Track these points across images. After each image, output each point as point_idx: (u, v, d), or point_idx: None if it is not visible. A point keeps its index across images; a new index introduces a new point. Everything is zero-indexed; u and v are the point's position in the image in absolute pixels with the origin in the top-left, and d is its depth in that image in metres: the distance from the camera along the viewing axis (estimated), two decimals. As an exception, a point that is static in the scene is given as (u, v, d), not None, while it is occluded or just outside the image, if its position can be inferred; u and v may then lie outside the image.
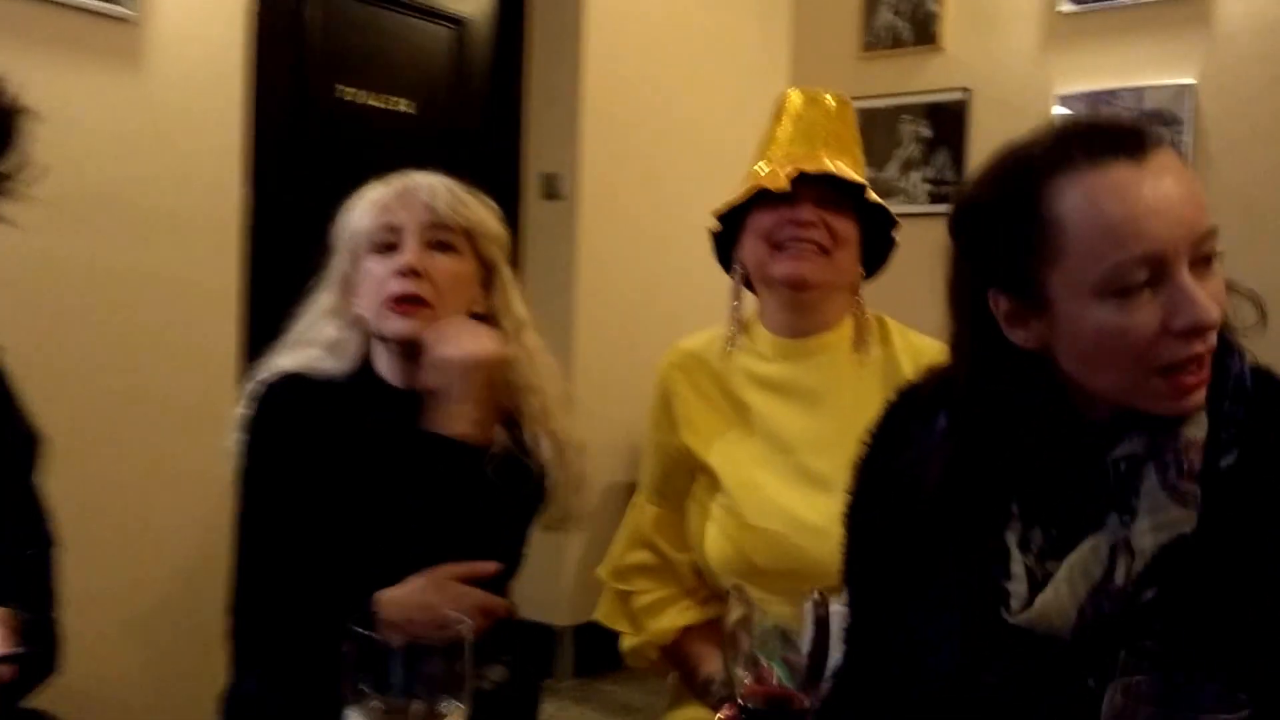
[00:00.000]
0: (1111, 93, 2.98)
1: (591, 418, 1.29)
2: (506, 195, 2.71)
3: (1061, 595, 0.82)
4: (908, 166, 3.41)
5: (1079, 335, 0.80)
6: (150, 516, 2.15)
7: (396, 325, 1.17)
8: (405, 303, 1.17)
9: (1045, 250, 0.79)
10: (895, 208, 1.43)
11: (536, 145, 3.00)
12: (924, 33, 3.42)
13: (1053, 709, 0.83)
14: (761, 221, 1.30)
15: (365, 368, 1.22)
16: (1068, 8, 3.13)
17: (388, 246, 1.19)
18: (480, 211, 1.25)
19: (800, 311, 1.33)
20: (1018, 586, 0.84)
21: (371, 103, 2.71)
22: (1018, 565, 0.84)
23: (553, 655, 2.90)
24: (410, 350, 1.19)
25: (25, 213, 1.03)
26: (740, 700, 0.76)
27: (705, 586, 1.35)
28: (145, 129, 2.12)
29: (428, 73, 2.85)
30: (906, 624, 0.91)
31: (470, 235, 1.22)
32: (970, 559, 0.87)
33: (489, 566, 1.13)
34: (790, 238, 1.28)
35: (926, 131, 3.43)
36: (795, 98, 1.35)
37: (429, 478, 1.14)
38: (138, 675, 2.11)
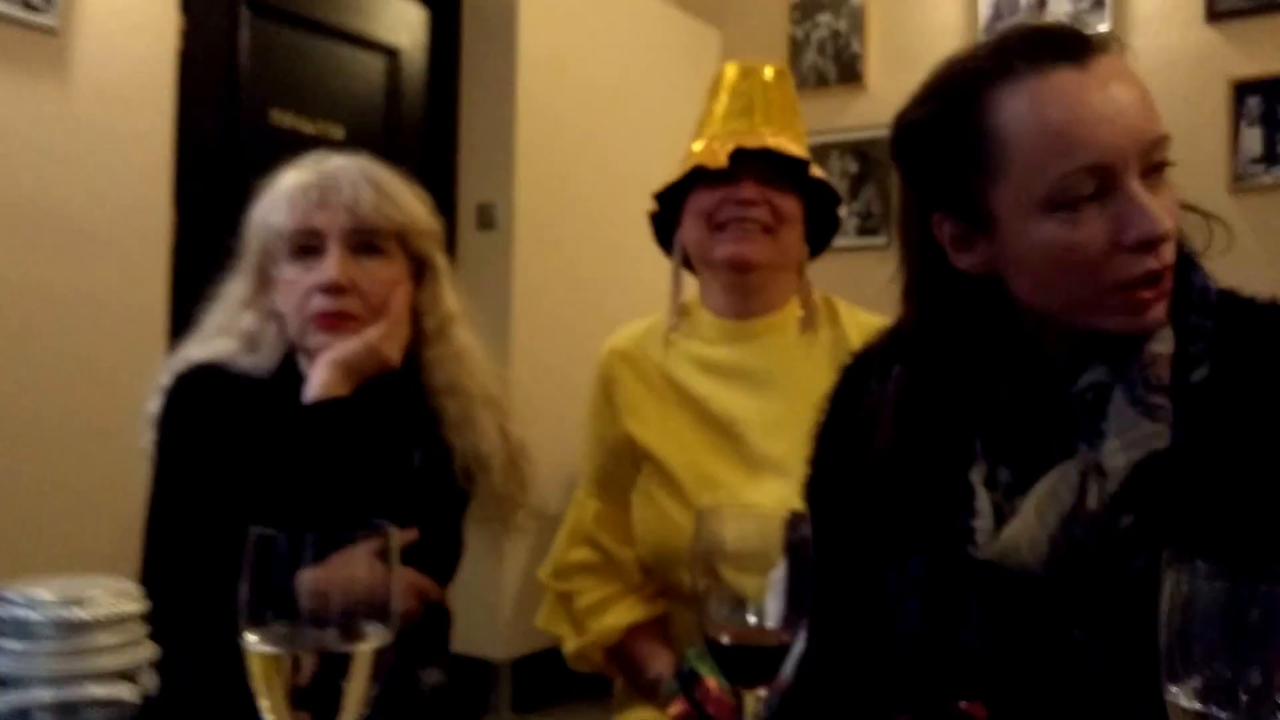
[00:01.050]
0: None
1: (527, 447, 1.24)
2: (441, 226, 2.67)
3: (1030, 524, 0.77)
4: (838, 202, 3.47)
5: (1028, 254, 0.76)
6: (75, 535, 2.01)
7: (323, 341, 1.10)
8: (331, 318, 1.09)
9: (988, 165, 0.76)
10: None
11: (471, 175, 2.97)
12: (849, 72, 3.51)
13: (1035, 660, 0.77)
14: (701, 201, 1.25)
15: (286, 363, 1.13)
16: (986, 47, 3.25)
17: (308, 250, 1.10)
18: (409, 207, 1.15)
19: (745, 293, 1.28)
20: (983, 523, 0.79)
21: (304, 129, 2.66)
22: (983, 502, 0.80)
23: (490, 690, 2.77)
24: None
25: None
26: (713, 640, 0.68)
27: (651, 582, 1.28)
28: (68, 142, 2.04)
29: (361, 101, 2.82)
30: (873, 586, 0.85)
31: (400, 235, 1.13)
32: (933, 502, 0.82)
33: (410, 534, 1.03)
34: (732, 218, 1.23)
35: (853, 167, 3.49)
36: (731, 71, 1.31)
37: (309, 445, 1.05)
38: None
